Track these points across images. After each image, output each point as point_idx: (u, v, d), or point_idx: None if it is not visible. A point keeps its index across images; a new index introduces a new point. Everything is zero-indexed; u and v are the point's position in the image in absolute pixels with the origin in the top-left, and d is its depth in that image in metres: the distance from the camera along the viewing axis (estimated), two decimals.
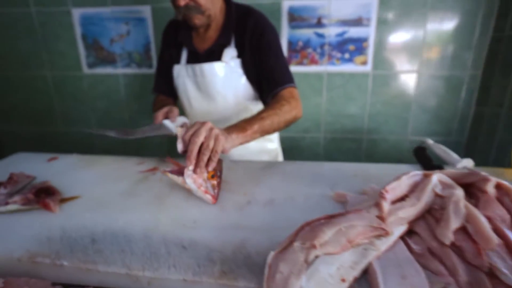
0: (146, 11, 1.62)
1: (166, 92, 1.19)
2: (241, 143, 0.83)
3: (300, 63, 1.58)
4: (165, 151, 1.89)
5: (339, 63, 1.55)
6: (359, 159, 1.72)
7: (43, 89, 1.86)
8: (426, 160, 0.92)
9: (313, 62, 1.57)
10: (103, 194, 0.81)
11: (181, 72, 1.10)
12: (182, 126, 0.92)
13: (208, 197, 0.74)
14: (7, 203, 0.73)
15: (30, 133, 1.99)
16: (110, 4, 1.63)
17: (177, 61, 1.12)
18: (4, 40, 1.78)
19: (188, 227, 0.67)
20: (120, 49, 1.70)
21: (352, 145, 1.70)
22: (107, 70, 1.75)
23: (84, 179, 0.90)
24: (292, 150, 1.73)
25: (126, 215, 0.71)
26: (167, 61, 1.15)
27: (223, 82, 1.05)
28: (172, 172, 0.76)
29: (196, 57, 1.08)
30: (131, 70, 1.74)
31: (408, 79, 1.54)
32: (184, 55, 1.11)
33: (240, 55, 1.04)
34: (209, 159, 0.73)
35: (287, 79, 0.99)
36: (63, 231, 0.66)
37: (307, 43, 1.55)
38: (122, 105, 1.82)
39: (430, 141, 0.96)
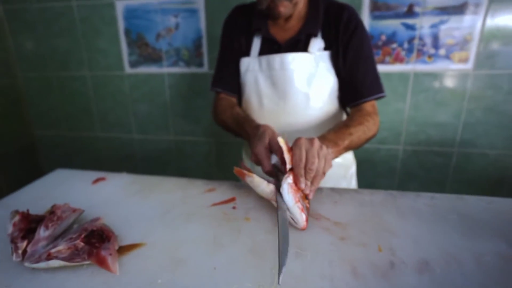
0: (198, 1, 1.40)
1: (229, 88, 0.99)
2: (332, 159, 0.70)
3: (382, 61, 1.31)
4: (212, 161, 1.68)
5: (431, 60, 1.27)
6: (446, 176, 1.43)
7: (81, 91, 1.70)
8: None
9: (397, 60, 1.30)
10: (175, 241, 0.58)
11: (252, 66, 0.93)
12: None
13: (303, 217, 0.59)
14: (49, 256, 0.52)
15: (66, 138, 1.84)
16: None
17: (246, 53, 0.95)
18: (43, 38, 1.64)
19: None
20: (166, 45, 1.50)
21: (439, 159, 1.41)
22: (151, 69, 1.56)
23: (143, 214, 0.68)
24: (363, 164, 1.47)
25: (221, 285, 0.48)
26: (234, 51, 0.97)
27: (307, 77, 0.88)
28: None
29: (274, 48, 0.91)
30: (178, 69, 1.53)
31: None
32: (256, 46, 0.93)
33: (328, 48, 0.89)
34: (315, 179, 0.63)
35: (376, 89, 0.88)
36: None
37: (392, 37, 1.28)
38: (166, 109, 1.62)
39: None
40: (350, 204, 0.70)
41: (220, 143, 1.63)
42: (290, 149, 0.63)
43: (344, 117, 0.99)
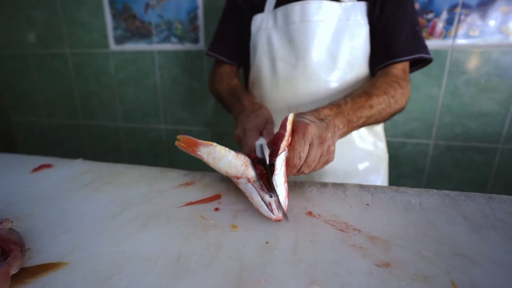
0: None
1: (230, 54, 0.84)
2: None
3: None
4: None
5: (476, 33, 1.03)
6: (486, 178, 1.18)
7: (61, 72, 1.50)
8: None
9: (434, 34, 1.06)
10: (115, 262, 0.36)
11: (265, 22, 0.76)
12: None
13: (286, 204, 0.44)
14: None
15: (46, 125, 1.64)
16: None
17: (260, 8, 0.78)
18: (17, 8, 1.43)
19: None
20: (157, 17, 1.29)
21: (478, 157, 1.17)
22: (139, 46, 1.35)
23: (83, 215, 0.47)
24: None
25: None
26: (238, 8, 0.81)
27: (334, 32, 0.70)
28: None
29: None
30: (170, 46, 1.32)
31: None
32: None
33: None
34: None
35: (411, 47, 0.68)
36: None
37: (428, 5, 1.04)
38: (156, 93, 1.41)
39: None
40: (390, 208, 0.47)
41: (218, 133, 1.41)
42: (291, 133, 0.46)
43: None
